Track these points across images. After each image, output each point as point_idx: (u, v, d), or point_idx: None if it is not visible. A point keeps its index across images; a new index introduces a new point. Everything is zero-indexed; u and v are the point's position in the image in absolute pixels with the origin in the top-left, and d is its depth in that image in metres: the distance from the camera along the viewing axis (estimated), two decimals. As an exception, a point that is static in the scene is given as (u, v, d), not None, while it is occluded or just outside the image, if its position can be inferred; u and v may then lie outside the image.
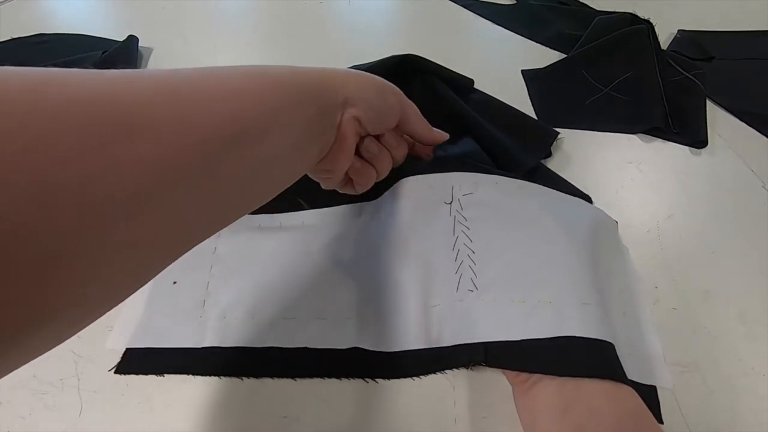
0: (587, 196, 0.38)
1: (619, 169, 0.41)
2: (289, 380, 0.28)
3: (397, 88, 0.28)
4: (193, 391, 0.27)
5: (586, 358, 0.24)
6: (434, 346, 0.27)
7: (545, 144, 0.41)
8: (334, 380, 0.28)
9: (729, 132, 0.45)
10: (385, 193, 0.34)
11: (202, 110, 0.16)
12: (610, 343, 0.25)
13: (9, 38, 0.55)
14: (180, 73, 0.16)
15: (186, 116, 0.15)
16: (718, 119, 0.47)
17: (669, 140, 0.44)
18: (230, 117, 0.17)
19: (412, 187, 0.32)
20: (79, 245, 0.12)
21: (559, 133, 0.41)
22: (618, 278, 0.32)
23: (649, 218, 0.37)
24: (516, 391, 0.25)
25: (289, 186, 0.23)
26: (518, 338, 0.25)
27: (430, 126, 0.31)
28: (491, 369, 0.27)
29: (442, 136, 0.32)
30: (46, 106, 0.12)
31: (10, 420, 0.26)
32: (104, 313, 0.15)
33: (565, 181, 0.39)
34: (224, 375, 0.28)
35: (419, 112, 0.30)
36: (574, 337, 0.24)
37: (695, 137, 0.43)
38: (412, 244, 0.30)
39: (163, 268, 0.17)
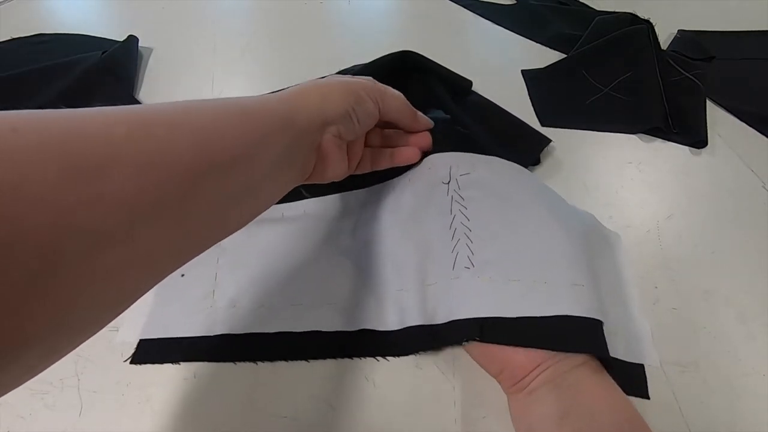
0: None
1: (619, 169, 0.41)
2: (289, 381, 0.28)
3: (371, 83, 0.28)
4: (193, 392, 0.27)
5: (577, 335, 0.25)
6: (430, 323, 0.28)
7: (535, 151, 0.41)
8: (334, 380, 0.28)
9: (729, 132, 0.45)
10: (388, 179, 0.34)
11: (173, 147, 0.16)
12: (599, 321, 0.25)
13: (9, 38, 0.55)
14: (153, 110, 0.17)
15: (157, 153, 0.16)
16: (718, 119, 0.47)
17: (669, 140, 0.44)
18: (201, 152, 0.17)
19: (412, 168, 0.33)
20: (54, 277, 0.13)
21: (551, 140, 0.41)
22: (607, 261, 0.33)
23: (649, 218, 0.37)
24: (512, 400, 0.25)
25: (272, 205, 0.24)
26: (513, 315, 0.25)
27: (414, 113, 0.31)
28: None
29: (427, 122, 0.33)
30: (21, 150, 0.13)
31: (10, 420, 0.26)
32: (86, 339, 0.16)
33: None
34: (237, 360, 0.28)
35: (401, 101, 0.30)
36: (567, 316, 0.25)
37: (695, 137, 0.43)
38: (410, 224, 0.31)
39: (142, 295, 0.17)
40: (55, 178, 0.13)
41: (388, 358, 0.28)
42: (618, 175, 0.41)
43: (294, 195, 0.36)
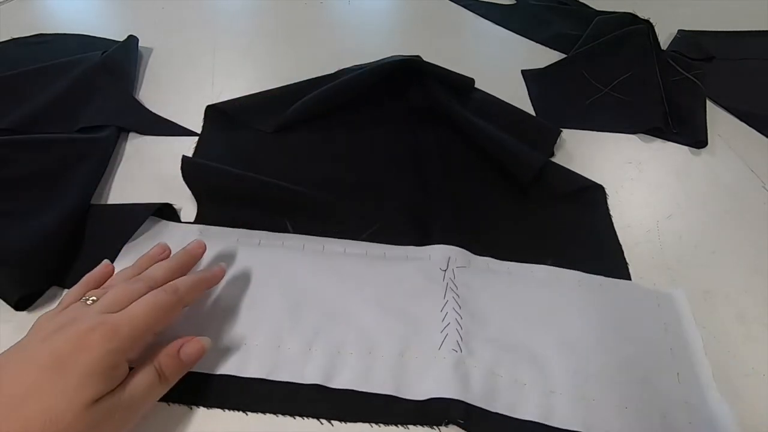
0: (599, 185, 0.39)
1: (619, 169, 0.41)
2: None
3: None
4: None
5: None
6: (403, 396, 0.26)
7: (548, 144, 0.40)
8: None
9: (729, 132, 0.45)
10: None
11: None
12: None
13: (9, 38, 0.55)
14: None
15: None
16: (718, 119, 0.47)
17: (669, 140, 0.44)
18: None
19: (409, 249, 0.33)
20: None
21: (561, 131, 0.40)
22: (665, 339, 0.29)
23: (649, 218, 0.37)
24: None
25: None
26: (495, 411, 0.25)
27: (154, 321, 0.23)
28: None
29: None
30: None
31: (9, 420, 0.26)
32: None
33: (575, 173, 0.39)
34: (191, 404, 0.26)
35: (133, 325, 0.22)
36: (541, 424, 0.25)
37: (695, 137, 0.43)
38: (400, 295, 0.30)
39: None
40: None
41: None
42: (618, 175, 0.41)
43: (279, 227, 0.34)
